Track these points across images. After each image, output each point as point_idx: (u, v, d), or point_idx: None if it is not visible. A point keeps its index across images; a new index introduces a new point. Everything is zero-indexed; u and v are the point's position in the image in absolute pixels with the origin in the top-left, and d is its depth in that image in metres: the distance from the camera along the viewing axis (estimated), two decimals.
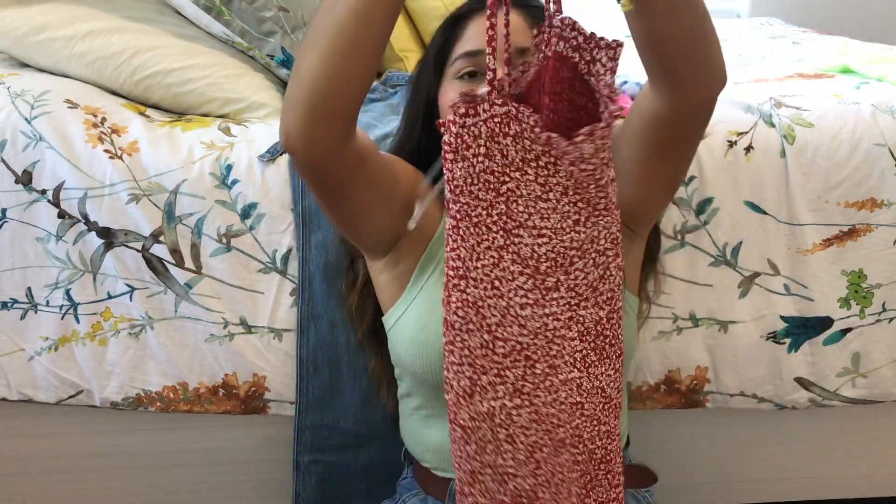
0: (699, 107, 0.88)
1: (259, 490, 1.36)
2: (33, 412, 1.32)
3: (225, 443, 1.34)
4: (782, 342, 1.28)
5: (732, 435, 1.38)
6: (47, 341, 1.26)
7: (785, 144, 1.25)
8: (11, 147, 1.23)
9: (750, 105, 1.31)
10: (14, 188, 1.23)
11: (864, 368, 1.30)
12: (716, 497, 1.42)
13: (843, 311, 1.28)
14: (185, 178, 1.23)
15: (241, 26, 1.45)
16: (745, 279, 1.27)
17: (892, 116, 1.27)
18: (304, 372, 1.25)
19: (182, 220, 1.23)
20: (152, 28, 1.42)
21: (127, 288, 1.24)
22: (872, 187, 1.25)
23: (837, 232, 1.26)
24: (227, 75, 1.40)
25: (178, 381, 1.27)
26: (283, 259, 1.24)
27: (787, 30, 2.37)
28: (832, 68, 1.61)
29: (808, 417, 1.36)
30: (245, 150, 1.26)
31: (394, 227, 0.97)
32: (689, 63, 0.82)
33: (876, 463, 1.41)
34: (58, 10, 1.40)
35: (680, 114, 0.87)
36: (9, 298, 1.26)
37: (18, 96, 1.28)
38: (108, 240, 1.23)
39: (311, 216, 1.23)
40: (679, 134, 0.91)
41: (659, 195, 1.01)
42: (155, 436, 1.34)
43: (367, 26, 0.77)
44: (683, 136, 0.93)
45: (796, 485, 1.42)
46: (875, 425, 1.38)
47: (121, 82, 1.37)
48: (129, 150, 1.25)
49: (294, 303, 1.25)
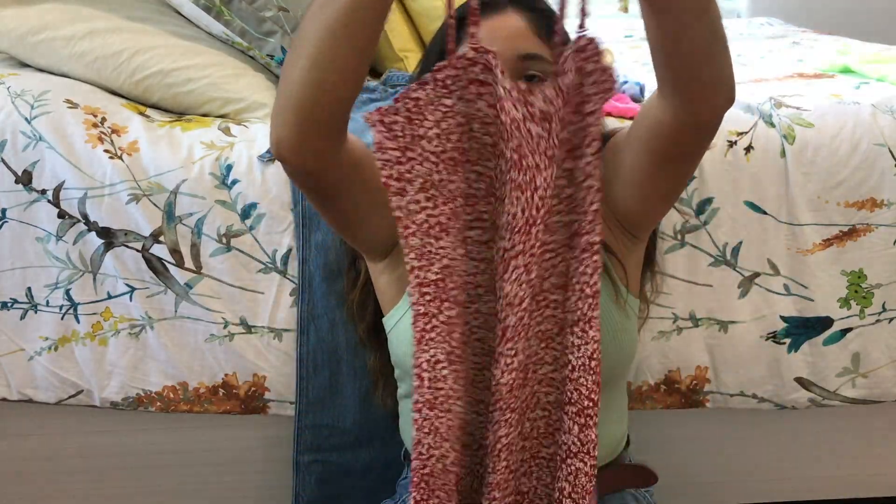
0: (705, 122, 0.86)
1: (259, 490, 1.36)
2: (33, 412, 1.32)
3: (225, 443, 1.34)
4: (782, 342, 1.28)
5: (732, 435, 1.38)
6: (47, 341, 1.26)
7: (785, 144, 1.25)
8: (11, 147, 1.23)
9: (750, 105, 1.31)
10: (14, 188, 1.23)
11: (864, 368, 1.30)
12: (716, 497, 1.42)
13: (843, 311, 1.28)
14: (185, 178, 1.23)
15: (241, 26, 1.45)
16: (745, 279, 1.27)
17: (892, 116, 1.27)
18: (304, 372, 1.25)
19: (182, 220, 1.23)
20: (152, 28, 1.42)
21: (127, 288, 1.24)
22: (872, 187, 1.25)
23: (837, 232, 1.26)
24: (227, 75, 1.40)
25: (178, 381, 1.27)
26: (283, 259, 1.24)
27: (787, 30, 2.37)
28: (832, 68, 1.61)
29: (808, 417, 1.36)
30: (245, 150, 1.26)
31: (391, 230, 0.97)
32: (699, 77, 0.81)
33: (876, 463, 1.41)
34: (58, 10, 1.40)
35: (685, 126, 0.86)
36: (9, 298, 1.26)
37: (18, 96, 1.28)
38: (108, 240, 1.23)
39: (311, 216, 1.23)
40: (682, 146, 0.90)
41: (658, 204, 1.00)
42: (155, 436, 1.34)
43: (355, 30, 0.76)
44: (686, 149, 0.91)
45: (796, 485, 1.42)
46: (875, 425, 1.38)
47: (121, 82, 1.37)
48: (129, 150, 1.25)
49: (294, 303, 1.25)
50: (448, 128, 0.75)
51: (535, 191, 0.76)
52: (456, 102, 0.75)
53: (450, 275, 0.79)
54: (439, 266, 0.79)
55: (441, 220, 0.78)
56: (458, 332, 0.81)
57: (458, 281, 0.80)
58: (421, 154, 0.76)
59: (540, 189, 0.76)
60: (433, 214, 0.78)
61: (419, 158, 0.76)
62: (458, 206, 0.79)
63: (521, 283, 0.78)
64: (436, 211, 0.78)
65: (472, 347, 0.84)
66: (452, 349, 0.80)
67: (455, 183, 0.78)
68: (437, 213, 0.78)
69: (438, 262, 0.79)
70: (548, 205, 0.77)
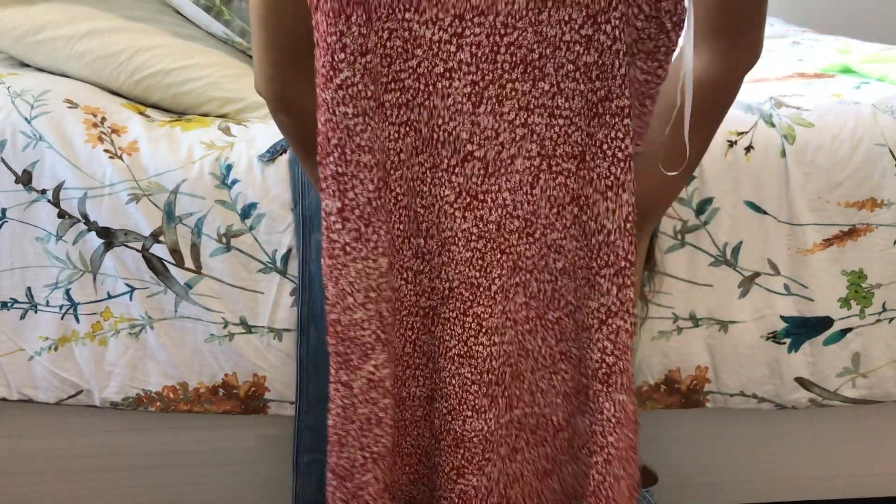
0: (741, 74, 0.87)
1: (259, 490, 1.36)
2: (33, 412, 1.32)
3: (225, 443, 1.34)
4: (782, 342, 1.28)
5: (732, 435, 1.38)
6: (47, 341, 1.26)
7: (785, 144, 1.25)
8: (11, 147, 1.23)
9: (750, 105, 1.31)
10: (14, 188, 1.23)
11: (865, 368, 1.30)
12: (716, 497, 1.42)
13: (843, 311, 1.28)
14: (184, 178, 1.23)
15: (241, 26, 1.45)
16: (745, 279, 1.27)
17: (892, 116, 1.27)
18: (305, 372, 1.25)
19: (182, 220, 1.23)
20: (152, 28, 1.42)
21: (127, 288, 1.24)
22: (873, 187, 1.25)
23: (838, 232, 1.26)
24: (227, 75, 1.40)
25: (178, 381, 1.27)
26: (283, 259, 1.24)
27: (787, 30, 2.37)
28: (832, 68, 1.61)
29: (808, 417, 1.36)
30: (245, 149, 1.26)
31: None
32: (751, 21, 0.82)
33: (876, 463, 1.41)
34: (58, 9, 1.40)
35: (722, 79, 0.87)
36: (9, 298, 1.26)
37: (18, 96, 1.28)
38: (107, 240, 1.23)
39: (311, 216, 1.23)
40: (717, 100, 0.91)
41: (683, 173, 0.99)
42: (155, 436, 1.34)
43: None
44: (721, 104, 0.92)
45: (796, 485, 1.42)
46: (875, 425, 1.38)
47: (120, 82, 1.37)
48: (128, 149, 1.25)
49: (294, 303, 1.25)
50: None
51: (497, 16, 0.76)
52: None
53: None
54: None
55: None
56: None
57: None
58: (319, 3, 0.76)
59: (502, 15, 0.76)
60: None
61: (320, 5, 0.76)
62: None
63: (495, 113, 0.79)
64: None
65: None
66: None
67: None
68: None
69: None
70: (517, 34, 0.77)
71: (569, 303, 0.87)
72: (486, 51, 0.77)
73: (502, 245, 0.83)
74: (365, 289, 0.81)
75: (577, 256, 0.85)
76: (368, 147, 0.78)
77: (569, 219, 0.84)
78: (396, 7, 0.76)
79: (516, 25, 0.77)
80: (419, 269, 0.87)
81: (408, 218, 0.84)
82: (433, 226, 0.84)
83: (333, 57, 0.75)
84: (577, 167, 0.82)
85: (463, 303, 0.85)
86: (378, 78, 0.78)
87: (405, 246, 0.86)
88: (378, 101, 0.79)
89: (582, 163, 0.81)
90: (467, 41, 0.77)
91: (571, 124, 0.80)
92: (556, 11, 0.76)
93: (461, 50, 0.77)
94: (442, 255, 0.84)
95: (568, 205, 0.83)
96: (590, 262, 0.84)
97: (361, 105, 0.77)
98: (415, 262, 0.86)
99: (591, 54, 0.78)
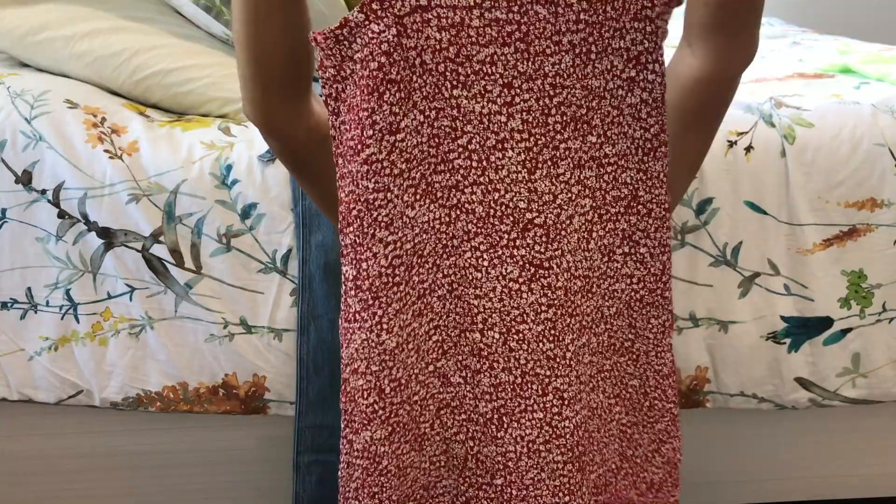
0: (736, 72, 0.86)
1: (259, 490, 1.36)
2: (33, 412, 1.32)
3: (225, 443, 1.34)
4: (782, 342, 1.28)
5: (732, 435, 1.38)
6: (47, 341, 1.26)
7: (785, 144, 1.25)
8: (11, 147, 1.23)
9: (750, 105, 1.31)
10: (14, 188, 1.23)
11: (865, 368, 1.30)
12: (716, 497, 1.42)
13: (843, 311, 1.28)
14: (185, 178, 1.23)
15: None
16: (745, 279, 1.27)
17: (892, 116, 1.27)
18: (305, 372, 1.25)
19: (182, 220, 1.23)
20: (152, 28, 1.42)
21: (127, 288, 1.24)
22: (873, 187, 1.25)
23: (838, 232, 1.26)
24: (227, 75, 1.40)
25: (178, 381, 1.27)
26: (283, 259, 1.24)
27: (787, 30, 2.37)
28: (832, 68, 1.61)
29: (808, 417, 1.36)
30: (245, 150, 1.26)
31: None
32: (744, 20, 0.80)
33: (876, 463, 1.41)
34: (58, 10, 1.40)
35: (718, 76, 0.85)
36: (9, 298, 1.26)
37: (18, 96, 1.28)
38: (107, 240, 1.23)
39: (311, 216, 1.23)
40: (715, 99, 0.90)
41: (684, 174, 0.99)
42: (155, 436, 1.34)
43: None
44: (720, 102, 0.91)
45: (796, 485, 1.42)
46: (875, 425, 1.38)
47: (120, 82, 1.37)
48: (129, 150, 1.25)
49: (294, 303, 1.25)
50: (371, 54, 0.72)
51: (545, 78, 0.74)
52: (384, 30, 0.71)
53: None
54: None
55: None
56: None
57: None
58: (352, 76, 0.74)
59: (550, 77, 0.74)
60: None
61: (352, 79, 0.74)
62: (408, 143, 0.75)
63: (551, 177, 0.76)
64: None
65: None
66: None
67: (401, 119, 0.74)
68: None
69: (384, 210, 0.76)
70: (566, 92, 0.75)
71: (622, 344, 0.85)
72: (538, 115, 0.75)
73: (570, 309, 0.79)
74: (366, 360, 0.79)
75: (629, 297, 0.83)
76: (386, 223, 0.76)
77: (619, 261, 0.81)
78: (442, 85, 0.73)
79: (564, 84, 0.74)
80: (477, 367, 0.80)
81: (462, 310, 0.80)
82: (493, 313, 0.79)
83: (363, 132, 0.73)
84: (626, 208, 0.80)
85: (540, 383, 0.80)
86: (426, 158, 0.75)
87: (461, 341, 0.81)
88: (428, 182, 0.76)
89: (634, 199, 0.80)
90: (517, 108, 0.74)
91: (618, 167, 0.78)
92: (600, 62, 0.74)
93: (512, 119, 0.74)
94: (508, 342, 0.79)
95: (618, 247, 0.81)
96: (620, 307, 0.83)
97: (384, 181, 0.74)
98: (472, 360, 0.80)
99: (636, 94, 0.76)
